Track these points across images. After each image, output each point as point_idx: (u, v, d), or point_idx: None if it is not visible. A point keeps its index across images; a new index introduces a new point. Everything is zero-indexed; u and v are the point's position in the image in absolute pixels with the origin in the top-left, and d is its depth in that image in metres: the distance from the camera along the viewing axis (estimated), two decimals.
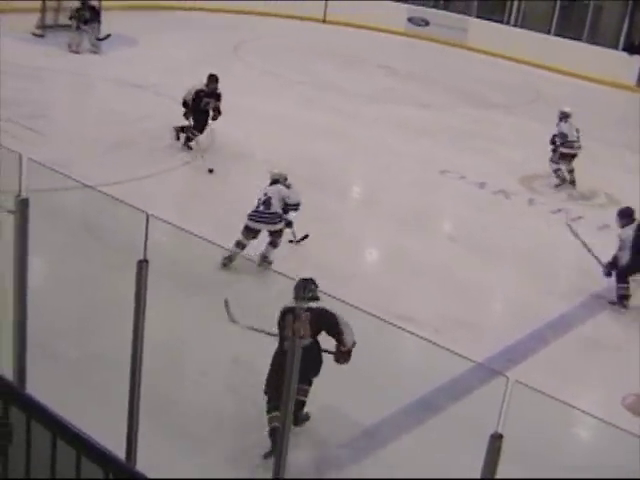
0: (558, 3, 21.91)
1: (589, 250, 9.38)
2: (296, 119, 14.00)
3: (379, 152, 13.04)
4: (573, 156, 11.92)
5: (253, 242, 8.40)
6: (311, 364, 5.65)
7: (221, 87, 11.59)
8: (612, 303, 8.70)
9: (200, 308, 7.34)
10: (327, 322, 5.71)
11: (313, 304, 5.65)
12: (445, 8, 24.19)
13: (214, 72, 11.60)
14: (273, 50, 19.01)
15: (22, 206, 4.45)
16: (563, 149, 11.86)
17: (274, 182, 8.57)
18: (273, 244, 8.51)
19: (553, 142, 11.93)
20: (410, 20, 23.40)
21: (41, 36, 17.61)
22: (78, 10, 16.86)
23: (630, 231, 8.75)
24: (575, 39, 21.04)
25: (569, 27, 21.53)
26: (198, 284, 7.80)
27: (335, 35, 21.91)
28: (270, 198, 8.37)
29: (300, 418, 5.79)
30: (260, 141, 12.54)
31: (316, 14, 23.21)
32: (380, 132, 14.02)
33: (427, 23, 23.24)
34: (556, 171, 12.03)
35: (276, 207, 8.39)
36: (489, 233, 10.26)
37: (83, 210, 8.47)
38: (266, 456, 5.54)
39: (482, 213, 10.93)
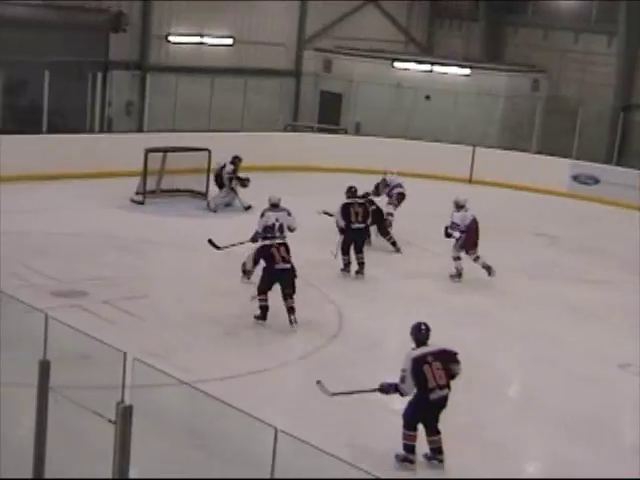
0: None
1: None
2: (436, 300, 14.34)
3: (538, 341, 13.04)
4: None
5: None
6: (291, 283, 12.33)
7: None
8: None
9: None
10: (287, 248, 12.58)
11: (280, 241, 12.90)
12: (618, 163, 24.52)
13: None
14: (407, 217, 19.59)
15: (125, 415, 4.70)
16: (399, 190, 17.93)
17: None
18: None
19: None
20: (575, 178, 23.77)
21: (141, 203, 18.93)
22: (235, 171, 18.88)
23: None
24: None
25: None
26: None
27: (483, 197, 22.29)
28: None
29: (294, 317, 12.29)
30: (392, 326, 12.80)
31: (461, 173, 24.01)
32: (540, 316, 14.09)
33: (596, 181, 23.54)
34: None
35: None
36: None
37: (187, 411, 8.80)
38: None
39: None
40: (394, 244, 17.12)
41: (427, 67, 27.56)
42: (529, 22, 29.43)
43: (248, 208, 18.56)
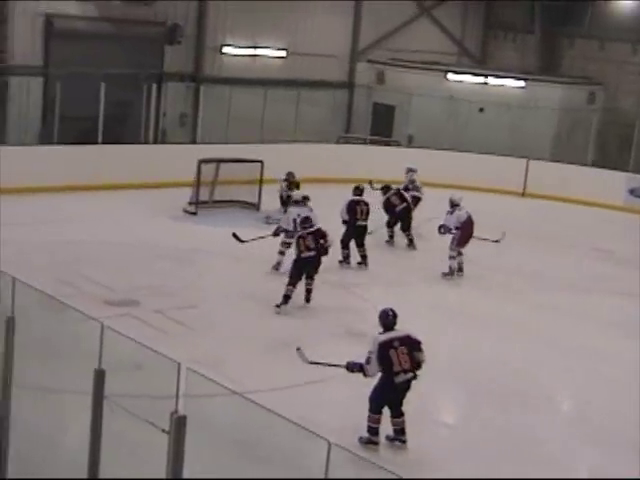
0: None
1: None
2: (486, 314, 14.28)
3: (587, 355, 13.00)
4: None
5: None
6: (316, 267, 13.42)
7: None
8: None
9: None
10: (320, 233, 13.48)
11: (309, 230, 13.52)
12: None
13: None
14: None
15: (179, 425, 4.77)
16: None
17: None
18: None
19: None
20: (632, 192, 23.53)
21: (193, 213, 19.11)
22: (289, 187, 18.68)
23: None
24: None
25: None
26: None
27: (536, 211, 22.31)
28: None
29: (310, 298, 13.52)
30: (441, 340, 12.76)
31: (514, 186, 23.91)
32: (591, 330, 14.04)
33: None
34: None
35: None
36: None
37: (238, 422, 8.87)
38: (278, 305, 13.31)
39: None
40: (411, 241, 17.60)
41: (481, 79, 27.47)
42: (585, 34, 29.13)
43: None
